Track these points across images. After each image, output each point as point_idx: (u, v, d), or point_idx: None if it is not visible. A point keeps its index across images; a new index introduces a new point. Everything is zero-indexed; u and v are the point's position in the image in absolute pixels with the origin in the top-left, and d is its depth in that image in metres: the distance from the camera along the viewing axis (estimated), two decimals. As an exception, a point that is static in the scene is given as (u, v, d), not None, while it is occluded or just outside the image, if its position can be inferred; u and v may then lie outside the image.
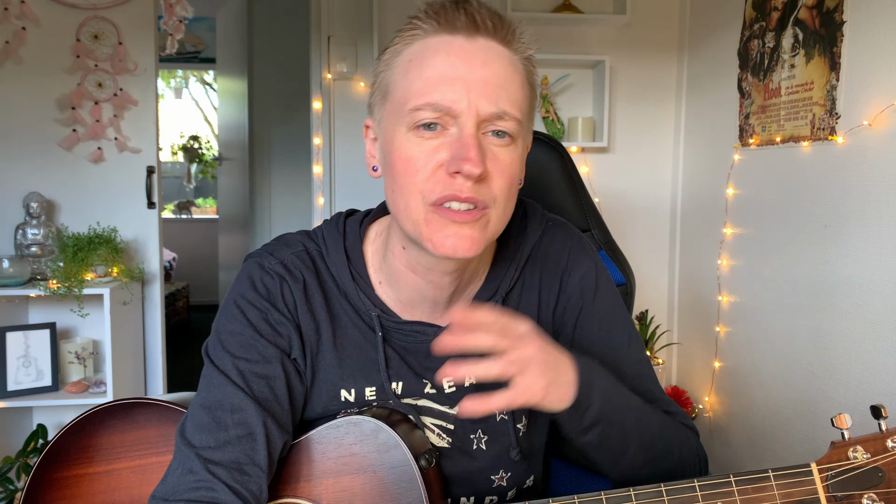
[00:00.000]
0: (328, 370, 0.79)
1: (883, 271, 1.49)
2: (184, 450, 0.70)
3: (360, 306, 0.80)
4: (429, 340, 0.79)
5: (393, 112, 0.71)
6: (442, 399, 0.82)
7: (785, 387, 1.84)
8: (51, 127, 2.21)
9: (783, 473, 0.64)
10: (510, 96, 0.69)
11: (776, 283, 1.89)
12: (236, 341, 0.75)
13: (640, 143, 2.54)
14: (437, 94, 0.67)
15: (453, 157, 0.66)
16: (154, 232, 2.32)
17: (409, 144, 0.69)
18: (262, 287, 0.77)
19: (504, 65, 0.69)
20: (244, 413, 0.72)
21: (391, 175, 0.71)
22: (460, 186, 0.67)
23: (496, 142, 0.69)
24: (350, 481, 0.75)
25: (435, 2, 0.70)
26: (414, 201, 0.69)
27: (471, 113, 0.67)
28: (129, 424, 0.83)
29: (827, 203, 1.68)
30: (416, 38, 0.70)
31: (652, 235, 2.57)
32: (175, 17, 2.20)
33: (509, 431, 0.84)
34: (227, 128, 4.18)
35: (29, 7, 2.15)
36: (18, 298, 2.17)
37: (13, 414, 2.19)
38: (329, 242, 0.82)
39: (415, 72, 0.69)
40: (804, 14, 1.76)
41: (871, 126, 1.52)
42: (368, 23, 2.40)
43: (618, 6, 2.42)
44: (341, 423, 0.76)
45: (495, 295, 0.82)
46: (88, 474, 0.82)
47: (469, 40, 0.68)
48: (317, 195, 2.51)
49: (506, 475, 0.85)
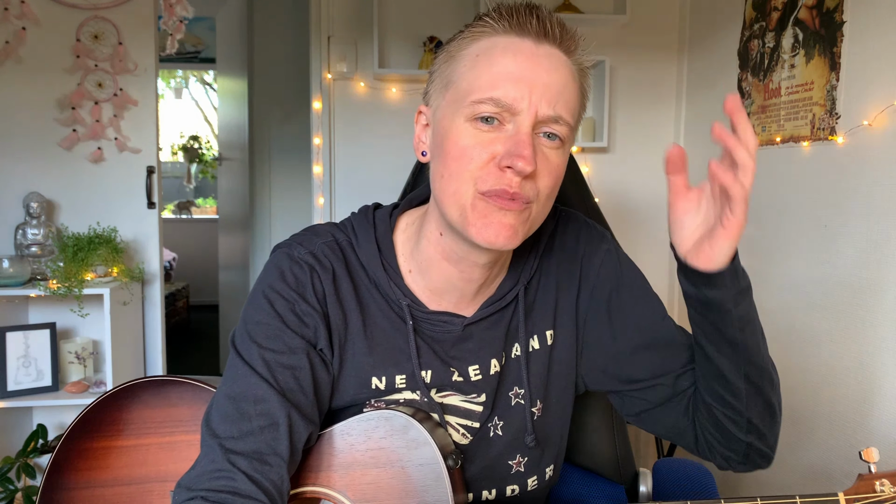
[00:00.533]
0: (358, 358, 0.80)
1: (883, 271, 1.49)
2: (208, 440, 0.72)
3: (390, 295, 0.81)
4: (455, 330, 0.82)
5: (453, 101, 0.74)
6: (468, 388, 0.83)
7: (784, 387, 1.84)
8: (51, 127, 2.21)
9: (811, 501, 0.65)
10: (567, 103, 0.73)
11: (776, 283, 1.89)
12: (263, 332, 0.76)
13: (640, 143, 2.54)
14: (500, 91, 0.70)
15: (507, 152, 0.69)
16: (154, 232, 2.32)
17: (466, 134, 0.71)
18: (291, 277, 0.79)
19: (565, 73, 0.73)
20: (268, 404, 0.73)
21: (443, 161, 0.74)
22: (509, 181, 0.70)
23: (547, 143, 0.72)
24: (377, 474, 0.76)
25: (507, 3, 0.73)
26: (465, 187, 0.71)
27: (530, 113, 0.70)
28: (161, 401, 0.84)
29: (827, 203, 1.68)
30: (486, 34, 0.73)
31: (652, 235, 2.57)
32: (175, 17, 2.20)
33: (525, 415, 0.85)
34: (227, 128, 4.18)
35: (29, 7, 2.15)
36: (18, 298, 2.17)
37: (13, 414, 2.19)
38: (360, 233, 0.84)
39: (482, 66, 0.72)
40: (804, 14, 1.76)
41: (871, 126, 1.53)
42: (368, 23, 2.40)
43: (618, 6, 2.42)
44: (372, 417, 0.77)
45: (517, 284, 0.85)
46: (117, 447, 0.83)
47: (537, 45, 0.72)
48: (317, 195, 2.51)
49: (522, 460, 0.87)
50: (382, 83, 2.45)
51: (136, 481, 0.82)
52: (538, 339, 0.87)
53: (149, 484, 0.82)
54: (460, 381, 0.83)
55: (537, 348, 0.87)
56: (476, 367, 0.83)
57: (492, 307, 0.84)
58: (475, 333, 0.83)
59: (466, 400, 0.84)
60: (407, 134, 2.47)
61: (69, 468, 0.83)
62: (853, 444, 1.58)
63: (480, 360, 0.83)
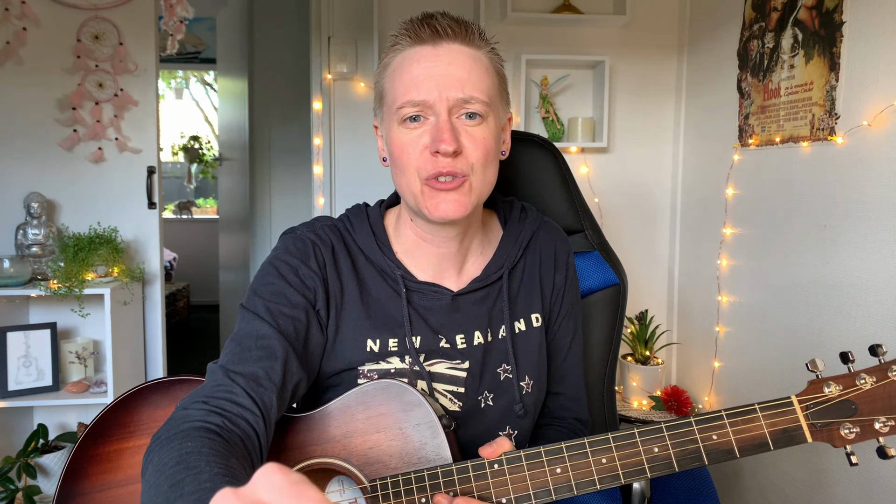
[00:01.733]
0: (355, 322, 0.91)
1: (883, 271, 1.50)
2: (212, 369, 0.80)
3: (385, 268, 0.93)
4: (444, 300, 0.94)
5: (388, 112, 0.88)
6: (454, 354, 0.93)
7: (785, 387, 1.84)
8: (51, 127, 2.21)
9: (768, 405, 0.72)
10: (475, 84, 0.84)
11: (776, 283, 1.89)
12: (268, 290, 0.87)
13: (640, 144, 2.54)
14: (413, 93, 0.83)
15: (433, 140, 0.83)
16: (154, 232, 2.32)
17: (401, 135, 0.86)
18: (295, 248, 0.91)
19: (466, 60, 0.85)
20: (269, 340, 0.82)
21: (392, 161, 0.88)
22: (442, 163, 0.83)
23: (468, 123, 0.84)
24: (377, 438, 0.82)
25: (408, 20, 0.87)
26: (411, 177, 0.86)
27: (442, 102, 0.83)
28: (170, 400, 0.88)
29: (827, 203, 1.68)
30: (398, 51, 0.87)
31: (652, 235, 2.58)
32: (175, 18, 2.20)
33: (513, 388, 0.95)
34: (227, 128, 4.18)
35: (29, 7, 2.16)
36: (19, 298, 2.17)
37: (14, 414, 2.19)
38: (355, 222, 0.97)
39: (398, 78, 0.86)
40: (804, 14, 1.76)
41: (871, 126, 1.53)
42: (368, 23, 2.40)
43: (618, 6, 2.42)
44: (368, 387, 0.84)
45: (502, 268, 0.97)
46: (129, 448, 0.86)
47: (435, 46, 0.84)
48: (317, 195, 2.52)
49: (513, 432, 0.96)
50: (382, 83, 2.45)
51: None
52: (524, 322, 0.99)
53: None
54: (447, 348, 0.93)
55: (524, 330, 0.98)
56: (462, 336, 0.94)
57: (478, 283, 0.95)
58: (462, 306, 0.95)
59: (451, 367, 0.93)
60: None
61: (82, 475, 0.84)
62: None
63: (465, 331, 0.94)
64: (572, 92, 2.51)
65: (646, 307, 2.46)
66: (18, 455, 2.03)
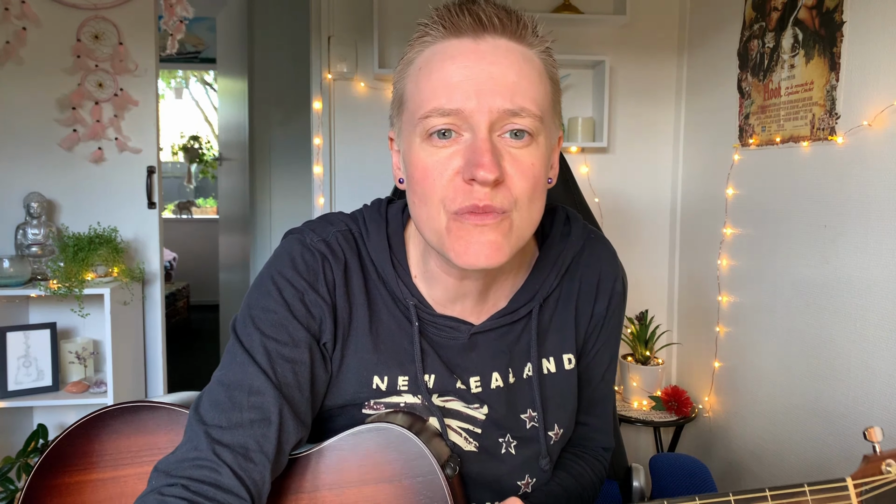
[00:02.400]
0: (361, 354, 0.77)
1: (883, 271, 1.50)
2: (194, 424, 0.68)
3: (397, 294, 0.78)
4: (462, 337, 0.79)
5: (408, 122, 0.69)
6: (470, 398, 0.80)
7: (785, 387, 1.84)
8: (51, 127, 2.21)
9: (819, 488, 0.63)
10: (526, 92, 0.65)
11: (776, 283, 1.89)
12: (268, 319, 0.72)
13: (640, 143, 2.54)
14: (443, 98, 0.64)
15: (467, 163, 0.64)
16: (154, 232, 2.32)
17: (424, 154, 0.67)
18: (303, 264, 0.75)
19: (515, 60, 0.66)
20: (262, 397, 0.69)
21: (411, 186, 0.70)
22: (478, 194, 0.64)
23: (514, 143, 0.66)
24: (373, 491, 0.73)
25: (441, 6, 0.68)
26: (434, 210, 0.67)
27: (483, 113, 0.64)
28: (136, 428, 0.79)
29: (827, 203, 1.68)
30: (426, 45, 0.68)
31: (652, 235, 2.58)
32: (175, 18, 2.20)
33: (540, 439, 0.82)
34: (227, 128, 4.18)
35: (29, 7, 2.15)
36: (19, 298, 2.17)
37: (13, 414, 2.19)
38: (370, 227, 0.80)
39: (424, 79, 0.67)
40: (804, 14, 1.76)
41: (871, 126, 1.53)
42: (368, 23, 2.40)
43: (618, 6, 2.42)
44: (363, 430, 0.74)
45: (533, 300, 0.81)
46: (92, 480, 0.78)
47: (476, 40, 0.66)
48: (317, 195, 2.52)
49: (531, 481, 0.84)
50: (382, 83, 2.45)
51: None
52: (554, 362, 0.84)
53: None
54: (463, 390, 0.79)
55: (553, 371, 0.83)
56: (477, 379, 0.80)
57: (501, 319, 0.80)
58: (480, 343, 0.80)
59: (468, 408, 0.80)
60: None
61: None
62: (853, 443, 1.58)
63: (482, 373, 0.80)
64: (572, 92, 2.51)
65: (646, 307, 2.46)
66: (18, 455, 2.03)
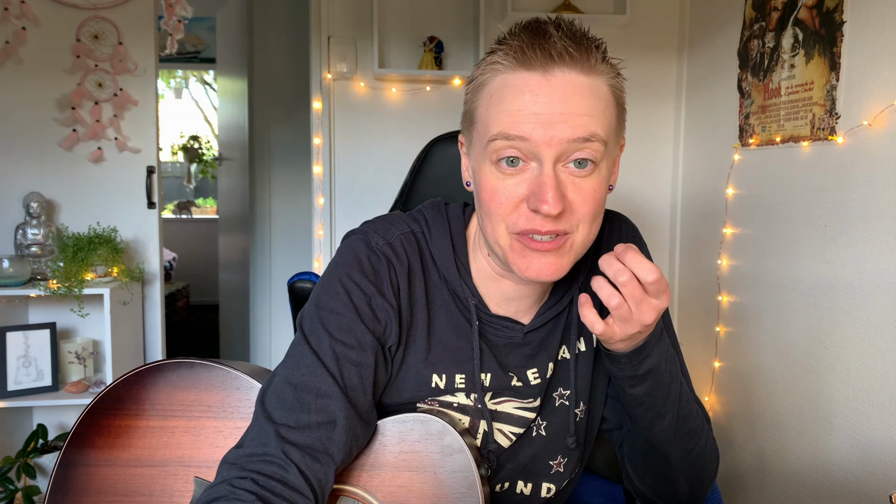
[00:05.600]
0: (419, 355, 0.80)
1: (883, 271, 1.49)
2: (263, 421, 0.71)
3: (459, 294, 0.81)
4: (516, 337, 0.82)
5: (478, 140, 0.74)
6: (526, 391, 0.83)
7: (785, 387, 1.84)
8: (51, 127, 2.21)
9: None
10: (592, 124, 0.68)
11: (776, 283, 1.89)
12: (337, 322, 0.75)
13: (640, 143, 2.54)
14: (510, 126, 0.68)
15: (532, 195, 0.68)
16: (154, 232, 2.32)
17: (493, 178, 0.71)
18: (370, 268, 0.78)
19: (584, 95, 0.69)
20: (329, 400, 0.71)
21: (479, 199, 0.75)
22: (541, 222, 0.69)
23: (578, 172, 0.69)
24: (408, 478, 0.75)
25: (517, 33, 0.70)
26: (500, 229, 0.72)
27: (549, 146, 0.67)
28: (191, 384, 0.81)
29: (827, 203, 1.68)
30: (496, 72, 0.71)
31: (652, 235, 2.57)
32: (175, 17, 2.20)
33: (568, 416, 0.86)
34: (226, 128, 4.17)
35: (29, 7, 2.15)
36: (18, 298, 2.17)
37: (13, 414, 2.19)
38: (434, 227, 0.83)
39: (494, 106, 0.70)
40: (804, 14, 1.76)
41: (871, 126, 1.53)
42: (368, 23, 2.40)
43: (618, 6, 2.42)
44: (407, 419, 0.77)
45: (571, 288, 0.85)
46: (141, 426, 0.81)
47: (546, 76, 0.68)
48: (317, 195, 2.51)
49: (563, 460, 0.87)
50: (382, 83, 2.45)
51: (158, 464, 0.80)
52: (584, 341, 0.87)
53: (172, 467, 0.80)
54: (519, 386, 0.83)
55: (583, 350, 0.87)
56: (535, 371, 0.83)
57: (548, 313, 0.84)
58: (533, 339, 0.84)
59: (520, 406, 0.83)
60: (407, 133, 2.47)
61: (88, 444, 0.80)
62: (853, 443, 1.58)
63: (539, 364, 0.84)
64: (572, 92, 2.51)
65: (646, 307, 2.46)
66: (18, 455, 2.03)
